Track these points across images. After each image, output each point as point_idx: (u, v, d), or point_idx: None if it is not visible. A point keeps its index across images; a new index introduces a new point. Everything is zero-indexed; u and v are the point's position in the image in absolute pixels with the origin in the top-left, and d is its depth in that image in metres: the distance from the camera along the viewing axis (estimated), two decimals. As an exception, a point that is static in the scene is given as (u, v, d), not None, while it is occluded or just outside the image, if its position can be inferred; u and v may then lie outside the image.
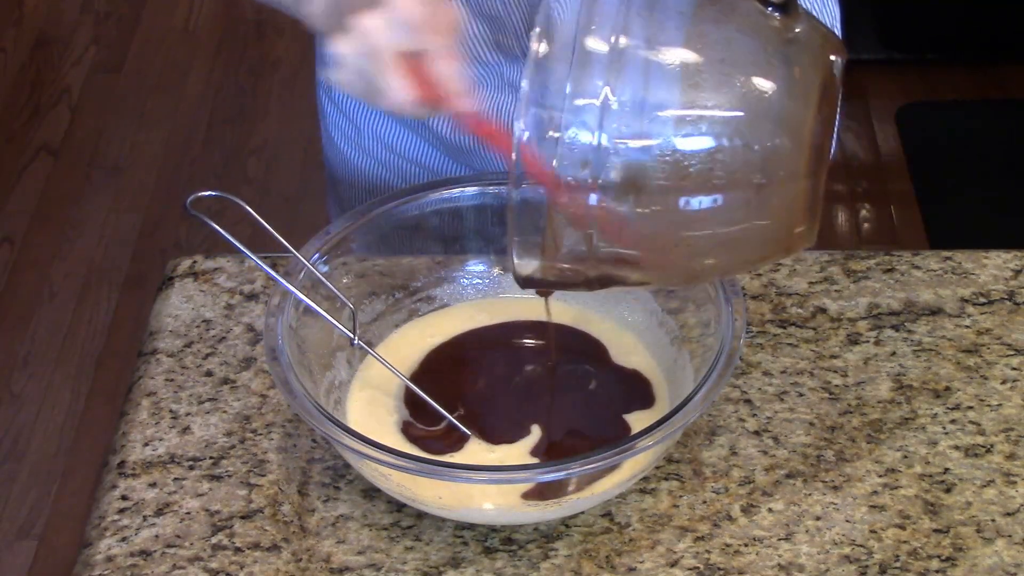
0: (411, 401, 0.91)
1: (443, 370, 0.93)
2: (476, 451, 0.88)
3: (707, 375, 0.82)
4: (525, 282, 0.81)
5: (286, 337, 0.86)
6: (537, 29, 0.76)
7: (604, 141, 0.74)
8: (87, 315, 2.34)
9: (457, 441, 0.88)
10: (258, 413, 0.93)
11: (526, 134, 0.75)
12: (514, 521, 0.86)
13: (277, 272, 0.86)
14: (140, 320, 2.10)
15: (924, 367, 0.96)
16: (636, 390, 0.91)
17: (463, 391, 0.92)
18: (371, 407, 0.91)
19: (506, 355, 0.95)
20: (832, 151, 0.80)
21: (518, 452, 0.88)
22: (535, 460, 0.87)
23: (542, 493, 0.83)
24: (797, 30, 0.76)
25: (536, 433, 0.89)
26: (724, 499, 0.88)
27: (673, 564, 0.85)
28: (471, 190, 0.96)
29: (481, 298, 0.98)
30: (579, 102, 0.74)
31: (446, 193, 0.95)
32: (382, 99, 0.83)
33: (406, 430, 0.89)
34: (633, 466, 0.84)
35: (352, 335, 0.88)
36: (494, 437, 0.88)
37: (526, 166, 0.76)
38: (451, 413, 0.89)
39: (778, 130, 0.75)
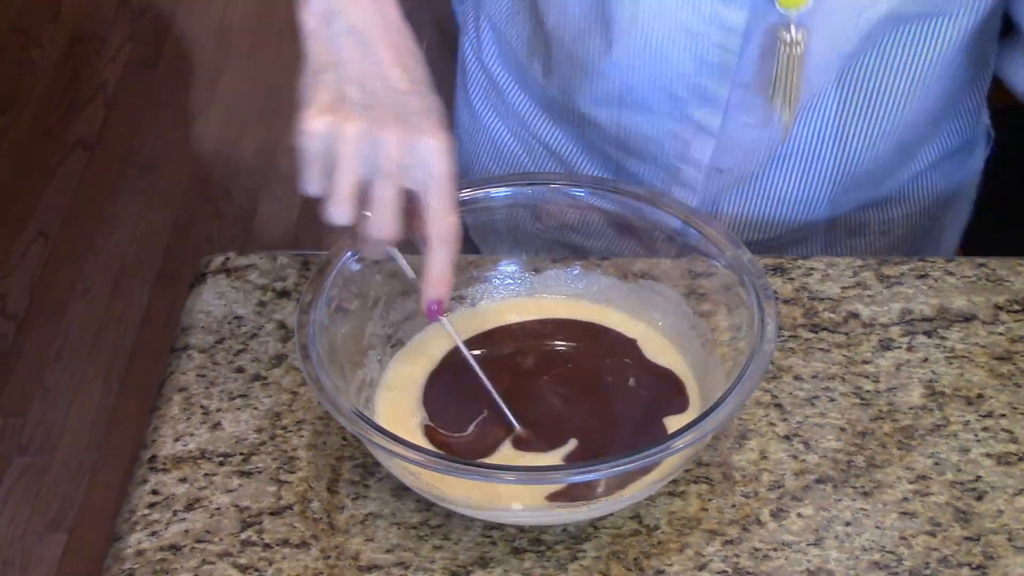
0: (432, 403, 0.90)
1: (468, 370, 0.93)
2: (506, 456, 0.87)
3: (738, 378, 0.82)
4: None
5: (318, 334, 0.86)
6: None
7: None
8: (120, 310, 2.35)
9: (487, 449, 0.88)
10: (288, 410, 0.93)
11: None
12: (542, 522, 0.86)
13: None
14: (172, 316, 2.11)
15: (957, 374, 0.95)
16: (671, 392, 0.91)
17: (495, 391, 0.91)
18: (396, 407, 0.91)
19: (536, 355, 0.94)
20: None
21: (550, 458, 0.87)
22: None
23: (571, 495, 0.83)
24: None
25: (572, 443, 0.88)
26: (753, 503, 0.88)
27: (702, 567, 0.84)
28: (505, 190, 0.96)
29: (513, 298, 0.98)
30: None
31: (479, 193, 0.95)
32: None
33: (429, 434, 0.89)
34: (663, 469, 0.84)
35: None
36: (529, 445, 0.88)
37: None
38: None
39: None
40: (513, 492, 0.84)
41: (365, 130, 0.79)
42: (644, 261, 0.95)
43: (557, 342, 0.95)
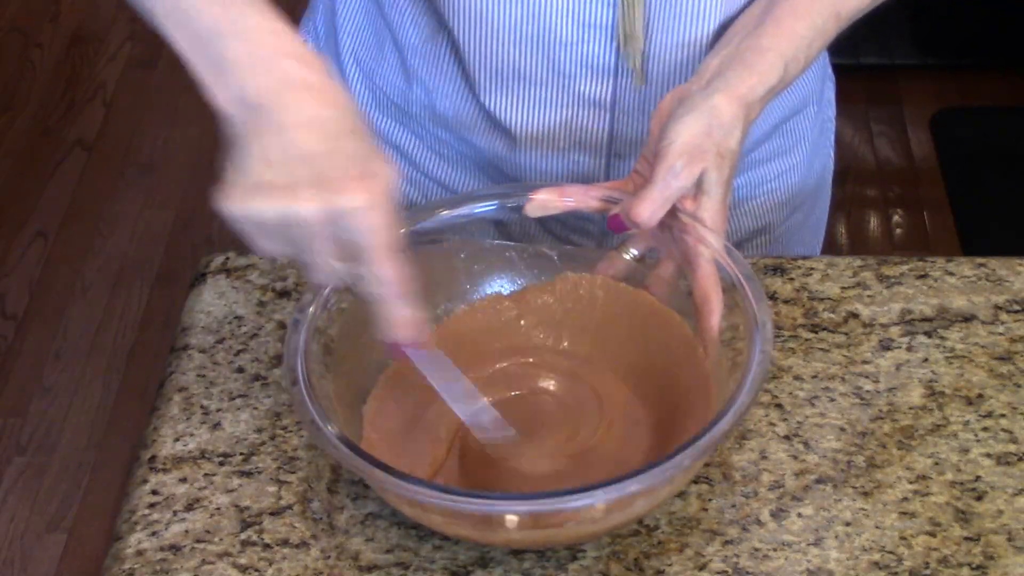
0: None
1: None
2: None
3: (727, 407, 0.79)
4: None
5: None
6: None
7: None
8: (119, 310, 2.35)
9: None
10: (288, 410, 0.93)
11: None
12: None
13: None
14: (171, 316, 2.11)
15: (956, 374, 0.95)
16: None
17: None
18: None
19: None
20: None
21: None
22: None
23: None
24: None
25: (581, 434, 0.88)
26: (753, 503, 0.88)
27: (702, 568, 0.84)
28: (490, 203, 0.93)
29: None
30: None
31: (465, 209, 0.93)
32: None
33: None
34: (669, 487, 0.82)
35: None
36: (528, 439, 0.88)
37: None
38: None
39: None
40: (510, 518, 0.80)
41: (281, 210, 0.77)
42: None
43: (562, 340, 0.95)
